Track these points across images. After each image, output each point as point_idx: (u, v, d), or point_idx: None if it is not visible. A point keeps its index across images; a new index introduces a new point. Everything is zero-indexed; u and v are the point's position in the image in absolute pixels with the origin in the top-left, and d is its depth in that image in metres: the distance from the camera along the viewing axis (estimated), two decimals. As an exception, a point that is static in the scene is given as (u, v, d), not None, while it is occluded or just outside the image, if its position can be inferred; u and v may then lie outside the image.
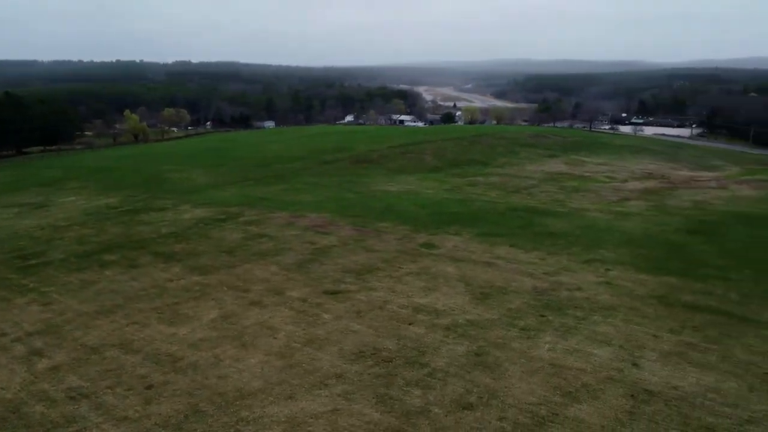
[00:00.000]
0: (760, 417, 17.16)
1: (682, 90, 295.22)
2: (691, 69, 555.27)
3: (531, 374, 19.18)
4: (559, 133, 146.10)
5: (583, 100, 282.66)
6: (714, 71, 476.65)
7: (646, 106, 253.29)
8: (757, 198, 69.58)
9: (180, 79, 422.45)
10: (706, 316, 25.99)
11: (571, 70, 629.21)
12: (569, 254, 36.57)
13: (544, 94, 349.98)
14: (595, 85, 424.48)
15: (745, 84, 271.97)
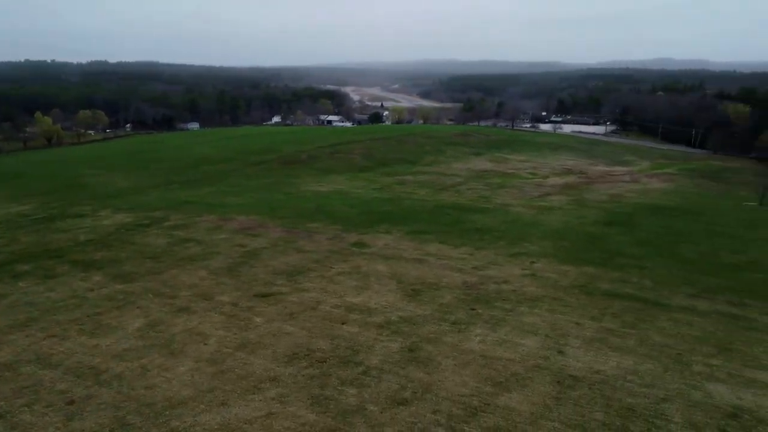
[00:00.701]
0: (674, 395, 18.33)
1: (596, 89, 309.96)
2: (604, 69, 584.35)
3: (463, 367, 19.63)
4: (484, 132, 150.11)
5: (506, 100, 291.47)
6: (625, 71, 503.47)
7: (564, 105, 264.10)
8: (665, 190, 74.22)
9: (96, 79, 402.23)
10: (624, 303, 27.49)
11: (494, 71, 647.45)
12: (496, 249, 37.71)
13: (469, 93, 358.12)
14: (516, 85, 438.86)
15: (653, 83, 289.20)
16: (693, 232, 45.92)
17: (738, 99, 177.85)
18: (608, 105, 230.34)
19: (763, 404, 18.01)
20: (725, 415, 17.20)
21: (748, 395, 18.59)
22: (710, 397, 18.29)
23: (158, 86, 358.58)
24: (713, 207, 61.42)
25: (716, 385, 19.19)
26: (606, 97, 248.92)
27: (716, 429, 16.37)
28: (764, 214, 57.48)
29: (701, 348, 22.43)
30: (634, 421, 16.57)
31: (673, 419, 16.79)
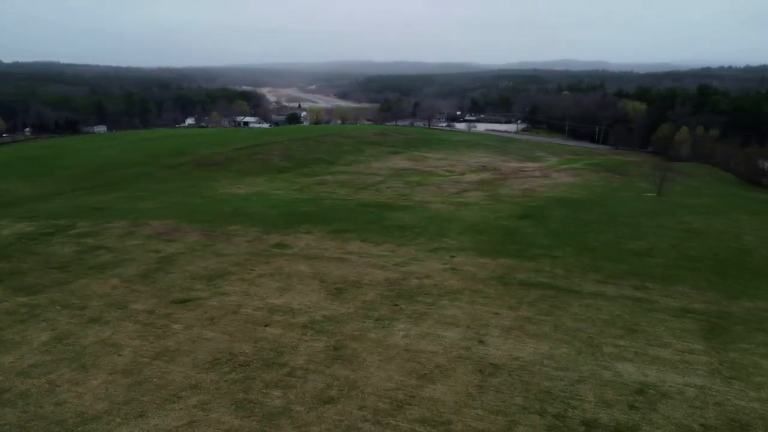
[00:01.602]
0: (587, 376, 19.34)
1: (507, 89, 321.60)
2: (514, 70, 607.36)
3: (388, 362, 19.82)
4: (401, 131, 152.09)
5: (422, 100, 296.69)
6: (533, 72, 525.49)
7: (477, 104, 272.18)
8: (573, 184, 78.11)
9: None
10: (539, 292, 28.71)
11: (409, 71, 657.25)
12: (417, 245, 38.33)
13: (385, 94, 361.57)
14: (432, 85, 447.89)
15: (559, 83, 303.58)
16: (599, 222, 48.61)
17: (635, 97, 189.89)
18: (518, 104, 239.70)
19: (666, 379, 19.37)
20: (633, 392, 18.35)
21: (653, 372, 19.93)
22: (619, 376, 19.45)
23: (60, 88, 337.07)
24: (616, 198, 65.29)
25: (624, 365, 20.43)
26: (516, 97, 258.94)
27: (626, 405, 17.43)
28: (662, 204, 61.73)
29: (610, 330, 23.81)
30: (552, 403, 17.36)
31: (586, 399, 17.73)
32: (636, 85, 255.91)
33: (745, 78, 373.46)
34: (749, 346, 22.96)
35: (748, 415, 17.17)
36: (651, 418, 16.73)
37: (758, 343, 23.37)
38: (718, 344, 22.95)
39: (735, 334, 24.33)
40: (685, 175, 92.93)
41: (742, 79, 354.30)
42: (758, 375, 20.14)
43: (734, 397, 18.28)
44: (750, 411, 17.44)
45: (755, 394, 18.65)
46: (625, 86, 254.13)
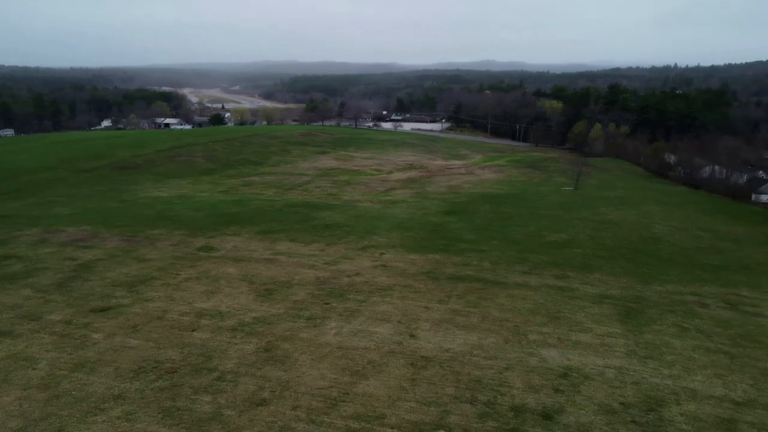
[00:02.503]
0: (514, 364, 19.98)
1: (431, 89, 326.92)
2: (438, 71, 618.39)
3: (320, 360, 19.72)
4: (328, 131, 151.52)
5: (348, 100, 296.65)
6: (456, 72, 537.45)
7: (403, 104, 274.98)
8: (496, 180, 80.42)
9: None
10: (467, 285, 29.40)
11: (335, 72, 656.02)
12: (347, 243, 38.33)
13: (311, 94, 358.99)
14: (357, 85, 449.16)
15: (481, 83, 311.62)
16: (521, 216, 50.30)
17: (552, 96, 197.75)
18: (443, 103, 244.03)
19: (587, 362, 20.31)
20: (558, 376, 19.13)
21: (575, 356, 20.86)
22: (545, 362, 20.22)
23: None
24: (537, 193, 67.75)
25: (549, 350, 21.26)
26: (440, 96, 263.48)
27: (551, 389, 18.14)
28: (579, 197, 64.61)
29: (535, 319, 24.72)
30: (482, 391, 17.83)
31: (515, 385, 18.32)
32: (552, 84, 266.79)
33: (651, 78, 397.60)
34: (661, 327, 24.46)
35: (662, 392, 18.28)
36: (575, 399, 17.50)
37: (669, 324, 24.93)
38: (634, 327, 24.31)
39: (648, 316, 25.85)
40: (600, 169, 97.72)
41: (648, 79, 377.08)
42: (670, 354, 21.49)
43: (649, 376, 19.41)
44: (663, 387, 18.58)
45: (668, 371, 19.88)
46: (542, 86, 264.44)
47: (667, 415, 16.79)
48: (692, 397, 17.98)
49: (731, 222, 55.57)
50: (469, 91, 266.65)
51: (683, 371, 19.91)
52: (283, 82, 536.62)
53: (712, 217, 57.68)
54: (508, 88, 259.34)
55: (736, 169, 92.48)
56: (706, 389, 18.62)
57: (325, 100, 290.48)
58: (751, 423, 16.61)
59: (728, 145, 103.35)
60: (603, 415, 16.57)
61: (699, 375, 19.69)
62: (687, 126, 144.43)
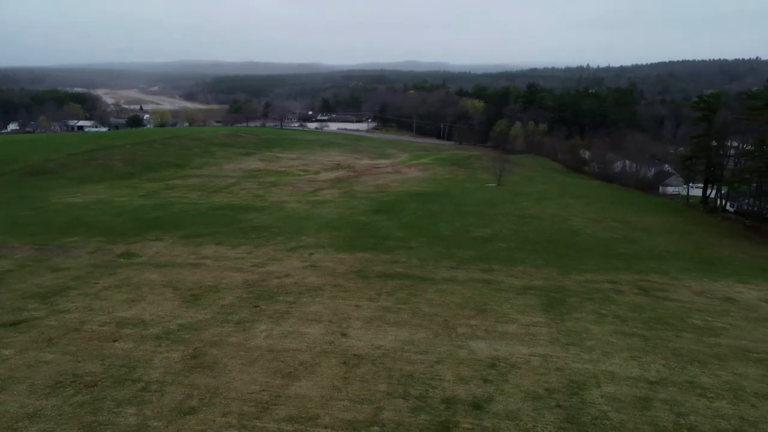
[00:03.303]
0: (444, 357, 20.36)
1: (357, 89, 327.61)
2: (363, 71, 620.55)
3: (251, 364, 19.35)
4: (253, 132, 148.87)
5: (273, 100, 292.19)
6: (381, 73, 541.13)
7: (328, 104, 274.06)
8: (423, 179, 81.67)
9: None
10: (396, 282, 29.68)
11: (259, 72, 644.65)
12: (275, 245, 37.80)
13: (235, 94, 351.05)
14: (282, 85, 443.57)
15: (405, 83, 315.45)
16: (447, 213, 51.36)
17: (474, 96, 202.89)
18: (368, 103, 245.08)
19: (514, 352, 20.99)
20: (486, 366, 19.66)
21: (503, 346, 21.51)
22: (473, 353, 20.74)
23: None
24: (462, 190, 69.37)
25: (477, 342, 21.82)
26: (366, 96, 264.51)
27: (480, 379, 18.62)
28: (502, 193, 66.68)
29: (463, 312, 25.30)
30: (414, 386, 18.05)
31: (445, 378, 18.67)
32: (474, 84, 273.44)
33: (566, 78, 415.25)
34: (581, 315, 25.64)
35: (583, 375, 19.17)
36: (503, 388, 18.05)
37: (588, 311, 26.18)
38: (556, 315, 25.36)
39: (569, 305, 27.04)
40: (521, 166, 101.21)
41: (564, 79, 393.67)
42: (589, 339, 22.57)
43: (572, 361, 20.30)
44: (584, 372, 19.49)
45: (588, 356, 20.87)
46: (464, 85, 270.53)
47: (589, 397, 17.61)
48: (611, 379, 18.94)
49: (642, 213, 58.97)
50: (394, 91, 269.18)
51: (602, 355, 20.95)
52: (205, 82, 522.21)
53: (624, 208, 60.97)
54: (431, 87, 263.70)
55: (644, 163, 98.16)
56: (623, 371, 19.68)
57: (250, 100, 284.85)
58: (664, 400, 17.69)
59: (637, 141, 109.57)
60: (530, 402, 17.17)
61: (617, 358, 20.78)
62: (600, 123, 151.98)
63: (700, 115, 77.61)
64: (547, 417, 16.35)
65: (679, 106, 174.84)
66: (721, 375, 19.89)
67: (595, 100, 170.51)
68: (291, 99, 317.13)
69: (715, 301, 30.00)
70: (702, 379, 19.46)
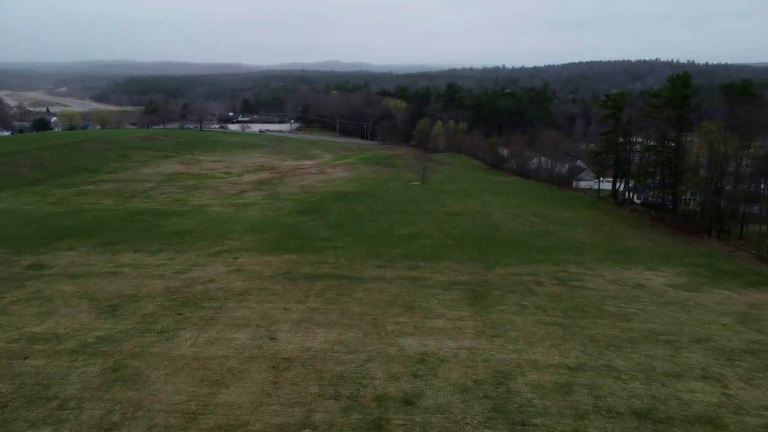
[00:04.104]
0: (374, 355, 20.51)
1: (278, 89, 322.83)
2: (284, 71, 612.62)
3: (175, 374, 18.74)
4: (171, 134, 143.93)
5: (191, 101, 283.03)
6: (302, 73, 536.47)
7: (250, 105, 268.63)
8: (348, 179, 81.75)
9: None
10: (324, 282, 29.59)
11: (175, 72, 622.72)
12: (198, 250, 36.72)
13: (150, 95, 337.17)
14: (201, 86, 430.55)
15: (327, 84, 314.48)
16: (373, 212, 51.70)
17: (396, 96, 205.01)
18: (290, 104, 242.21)
19: (442, 346, 21.44)
20: (415, 362, 19.98)
21: (431, 341, 21.93)
22: (403, 350, 21.01)
23: None
24: (386, 189, 69.98)
25: (406, 339, 22.13)
26: (288, 97, 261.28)
27: (410, 375, 18.89)
28: (426, 191, 67.81)
29: (391, 310, 25.57)
30: (345, 386, 18.08)
31: (376, 376, 18.82)
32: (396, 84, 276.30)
33: (483, 78, 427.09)
34: (505, 307, 26.55)
35: (509, 365, 19.87)
36: (433, 382, 18.40)
37: (511, 303, 27.14)
38: (482, 309, 26.12)
39: (493, 298, 27.92)
40: (443, 164, 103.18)
41: (481, 79, 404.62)
42: (513, 330, 23.41)
43: (497, 352, 20.99)
44: (509, 362, 20.20)
45: (512, 347, 21.64)
46: (386, 86, 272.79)
47: (514, 386, 18.28)
48: (534, 368, 19.74)
49: (558, 207, 61.64)
50: (316, 91, 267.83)
51: (525, 345, 21.79)
52: (118, 83, 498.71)
53: (542, 203, 63.50)
54: (354, 88, 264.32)
55: (559, 159, 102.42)
56: (546, 359, 20.56)
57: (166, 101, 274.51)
58: (584, 384, 18.63)
59: (551, 139, 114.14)
60: (459, 394, 17.60)
61: (539, 347, 21.68)
62: (516, 122, 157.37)
63: (607, 113, 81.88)
64: (476, 408, 16.83)
65: (589, 105, 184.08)
66: (634, 357, 21.17)
67: (511, 100, 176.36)
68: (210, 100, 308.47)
69: (627, 288, 31.87)
70: (617, 362, 20.63)
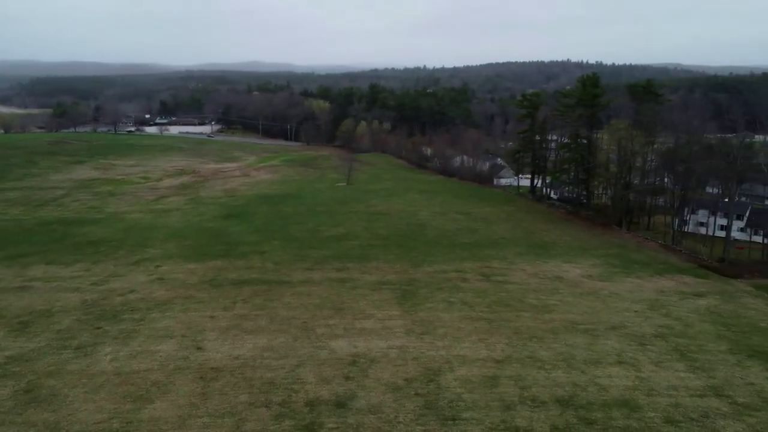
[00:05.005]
0: (305, 359, 20.39)
1: (197, 90, 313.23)
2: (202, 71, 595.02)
3: (95, 392, 17.89)
4: (83, 138, 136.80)
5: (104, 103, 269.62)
6: (222, 73, 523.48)
7: (167, 106, 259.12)
8: (272, 181, 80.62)
9: None
10: (252, 288, 29.10)
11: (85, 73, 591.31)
12: (116, 259, 35.14)
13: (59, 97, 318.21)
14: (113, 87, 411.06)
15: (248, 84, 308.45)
16: (299, 214, 51.30)
17: (319, 96, 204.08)
18: (211, 105, 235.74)
19: (372, 347, 21.60)
20: (347, 364, 20.02)
21: (361, 342, 22.04)
22: (334, 353, 21.00)
23: None
24: (312, 190, 69.55)
25: (337, 341, 22.13)
26: (208, 98, 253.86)
27: (342, 378, 18.92)
28: (351, 192, 67.93)
29: (321, 312, 25.49)
30: (276, 393, 17.86)
31: (307, 380, 18.71)
32: (318, 85, 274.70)
33: (405, 78, 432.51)
34: (433, 304, 27.08)
35: (438, 362, 20.29)
36: (364, 383, 18.52)
37: (439, 300, 27.72)
38: (410, 307, 26.52)
39: (421, 296, 28.41)
40: (368, 164, 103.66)
41: (403, 79, 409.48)
42: (441, 327, 23.92)
43: (426, 350, 21.38)
44: (439, 358, 20.63)
45: (441, 343, 22.12)
46: (309, 86, 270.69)
47: (444, 382, 18.69)
48: (462, 363, 20.27)
49: (480, 204, 63.42)
50: (237, 92, 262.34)
51: (453, 341, 22.32)
52: (21, 84, 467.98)
53: (465, 201, 65.11)
54: (276, 89, 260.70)
55: (480, 158, 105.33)
56: (473, 353, 21.15)
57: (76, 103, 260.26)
58: (510, 376, 19.32)
59: (472, 137, 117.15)
60: (390, 393, 17.81)
61: (466, 342, 22.27)
62: (438, 121, 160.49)
63: (524, 113, 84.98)
64: (408, 406, 17.09)
65: (506, 104, 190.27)
66: (556, 347, 22.16)
67: (433, 99, 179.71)
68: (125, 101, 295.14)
69: (547, 280, 33.28)
70: (540, 353, 21.53)
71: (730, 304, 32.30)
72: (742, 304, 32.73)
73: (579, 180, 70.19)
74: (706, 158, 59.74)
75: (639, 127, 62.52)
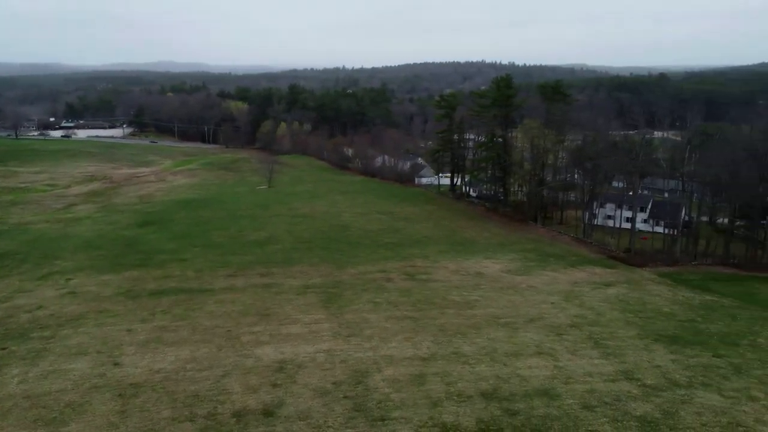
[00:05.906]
0: (231, 369, 19.94)
1: (107, 92, 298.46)
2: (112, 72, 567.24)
3: (3, 417, 16.75)
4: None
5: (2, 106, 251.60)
6: (133, 74, 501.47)
7: (74, 109, 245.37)
8: (191, 185, 78.24)
9: None
10: (171, 298, 28.12)
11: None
12: (21, 274, 32.98)
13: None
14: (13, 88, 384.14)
15: (162, 85, 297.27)
16: (220, 219, 50.07)
17: (236, 97, 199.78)
18: (122, 107, 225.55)
19: (299, 352, 21.41)
20: (274, 371, 19.76)
21: (288, 348, 21.82)
22: (260, 360, 20.67)
23: None
24: (233, 194, 68.09)
25: (263, 348, 21.79)
26: (119, 100, 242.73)
27: (269, 385, 18.66)
28: (273, 195, 67.04)
29: (245, 320, 25.02)
30: (200, 406, 17.36)
31: (233, 391, 18.31)
32: (236, 85, 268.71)
33: (325, 78, 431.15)
34: (359, 306, 27.21)
35: (366, 364, 20.42)
36: (292, 390, 18.35)
37: (365, 302, 27.88)
38: (336, 310, 26.52)
39: (347, 298, 28.47)
40: (289, 166, 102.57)
41: (323, 80, 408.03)
42: (368, 328, 24.08)
43: (354, 352, 21.46)
44: (366, 360, 20.76)
45: (368, 344, 22.27)
46: (226, 87, 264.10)
47: (372, 383, 18.85)
48: (390, 363, 20.51)
49: (402, 204, 64.29)
50: (150, 93, 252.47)
51: (380, 341, 22.54)
52: None
53: (387, 201, 65.80)
54: (191, 89, 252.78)
55: (400, 157, 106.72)
56: (400, 353, 21.45)
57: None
58: (436, 373, 19.74)
59: (393, 137, 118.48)
60: (319, 398, 17.76)
61: (393, 342, 22.55)
62: (359, 122, 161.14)
63: (442, 113, 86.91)
64: (337, 410, 17.10)
65: (425, 104, 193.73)
66: (479, 342, 22.85)
67: (353, 100, 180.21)
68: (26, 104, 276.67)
69: (468, 277, 34.24)
70: (464, 348, 22.13)
71: (637, 291, 34.50)
72: (647, 291, 35.03)
73: (496, 178, 72.61)
74: (611, 155, 63.43)
75: (550, 126, 65.57)
